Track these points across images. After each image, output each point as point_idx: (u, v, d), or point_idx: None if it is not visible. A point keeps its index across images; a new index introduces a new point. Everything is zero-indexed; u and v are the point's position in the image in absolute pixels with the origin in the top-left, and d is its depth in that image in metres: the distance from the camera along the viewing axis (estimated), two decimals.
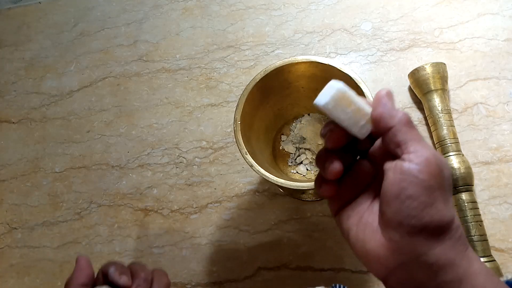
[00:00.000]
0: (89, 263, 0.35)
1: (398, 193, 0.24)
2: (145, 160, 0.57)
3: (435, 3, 0.58)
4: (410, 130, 0.25)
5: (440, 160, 0.24)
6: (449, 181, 0.25)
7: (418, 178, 0.23)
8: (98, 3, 0.68)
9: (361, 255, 0.27)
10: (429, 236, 0.24)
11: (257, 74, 0.43)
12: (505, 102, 0.52)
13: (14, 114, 0.63)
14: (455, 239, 0.24)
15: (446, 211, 0.24)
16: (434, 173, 0.24)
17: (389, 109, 0.25)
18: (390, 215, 0.24)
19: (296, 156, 0.52)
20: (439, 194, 0.24)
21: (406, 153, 0.24)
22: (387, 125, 0.25)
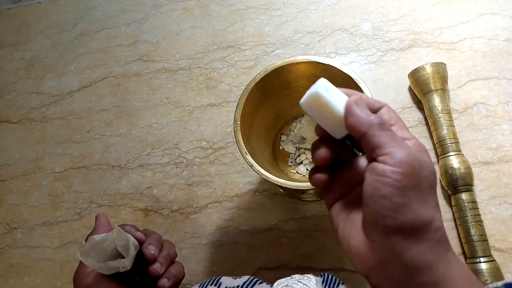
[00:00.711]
0: (108, 220, 0.38)
1: (373, 193, 0.24)
2: (145, 160, 0.57)
3: (435, 3, 0.58)
4: (382, 133, 0.25)
5: (416, 160, 0.24)
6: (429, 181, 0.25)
7: (390, 178, 0.24)
8: (98, 3, 0.68)
9: (346, 251, 0.28)
10: (405, 236, 0.24)
11: (257, 74, 0.43)
12: (505, 102, 0.52)
13: (14, 114, 0.63)
14: (434, 241, 0.24)
15: (423, 212, 0.24)
16: (408, 173, 0.24)
17: (358, 117, 0.26)
18: (367, 215, 0.25)
19: (296, 156, 0.52)
20: (414, 194, 0.24)
21: (380, 155, 0.24)
22: (359, 133, 0.26)
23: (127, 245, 0.32)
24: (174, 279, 0.36)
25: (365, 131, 0.25)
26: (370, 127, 0.25)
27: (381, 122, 0.26)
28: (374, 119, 0.26)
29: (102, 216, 0.39)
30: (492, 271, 0.42)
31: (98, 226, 0.38)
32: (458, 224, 0.46)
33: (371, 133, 0.25)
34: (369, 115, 0.26)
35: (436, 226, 0.25)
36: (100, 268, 0.31)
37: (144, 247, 0.35)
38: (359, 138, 0.26)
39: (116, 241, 0.32)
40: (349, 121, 0.26)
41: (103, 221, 0.38)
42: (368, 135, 0.25)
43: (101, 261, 0.31)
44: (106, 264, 0.31)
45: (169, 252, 0.37)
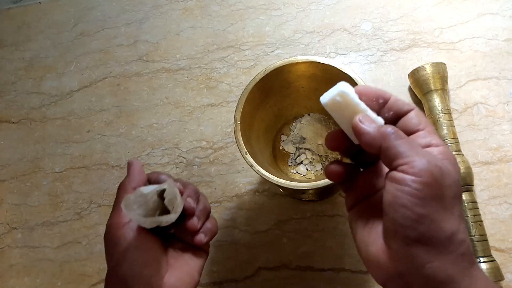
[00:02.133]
0: (142, 169, 0.35)
1: (393, 202, 0.24)
2: (145, 160, 0.57)
3: (435, 3, 0.58)
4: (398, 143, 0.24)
5: (438, 168, 0.23)
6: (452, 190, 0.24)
7: (411, 187, 0.23)
8: (98, 3, 0.68)
9: (363, 257, 0.27)
10: (427, 248, 0.23)
11: (257, 74, 0.43)
12: (505, 102, 0.52)
13: (14, 114, 0.63)
14: (458, 255, 0.23)
15: (445, 223, 0.23)
16: (428, 182, 0.23)
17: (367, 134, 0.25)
18: (387, 224, 0.24)
19: (296, 156, 0.52)
20: (436, 204, 0.23)
21: (400, 165, 0.24)
22: (375, 148, 0.25)
23: (175, 200, 0.31)
24: (211, 235, 0.35)
25: (380, 144, 0.25)
26: (383, 139, 0.25)
27: (394, 131, 0.25)
28: (385, 129, 0.25)
29: (136, 163, 0.35)
30: (492, 271, 0.42)
31: (133, 174, 0.34)
32: None
33: (386, 145, 0.25)
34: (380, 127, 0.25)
35: (460, 239, 0.23)
36: (143, 222, 0.30)
37: (183, 200, 0.33)
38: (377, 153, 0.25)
39: (166, 196, 0.30)
40: (362, 141, 0.26)
41: (137, 169, 0.35)
42: (384, 148, 0.25)
43: (142, 214, 0.30)
44: (152, 218, 0.30)
45: (205, 206, 0.35)
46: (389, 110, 0.28)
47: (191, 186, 0.35)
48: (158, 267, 0.31)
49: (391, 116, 0.28)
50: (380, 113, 0.28)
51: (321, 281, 0.48)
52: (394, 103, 0.28)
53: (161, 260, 0.32)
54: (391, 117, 0.28)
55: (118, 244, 0.31)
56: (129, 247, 0.30)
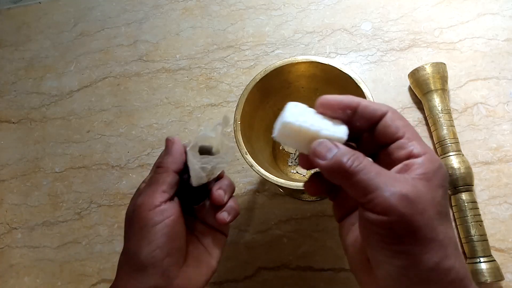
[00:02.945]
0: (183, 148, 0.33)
1: (368, 240, 0.23)
2: (145, 160, 0.57)
3: (435, 3, 0.58)
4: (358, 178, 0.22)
5: (405, 200, 0.21)
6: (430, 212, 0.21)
7: (380, 228, 0.21)
8: (98, 3, 0.68)
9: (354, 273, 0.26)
10: (411, 281, 0.22)
11: (257, 74, 0.43)
12: (505, 102, 0.52)
13: (14, 114, 0.63)
14: (445, 284, 0.21)
15: (425, 255, 0.21)
16: (396, 221, 0.21)
17: (326, 169, 0.23)
18: (369, 254, 0.23)
19: (296, 156, 0.52)
20: (411, 240, 0.21)
21: (365, 203, 0.22)
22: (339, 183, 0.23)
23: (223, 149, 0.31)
24: (234, 214, 0.33)
25: (340, 183, 0.23)
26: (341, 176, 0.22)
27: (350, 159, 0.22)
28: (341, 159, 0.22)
29: (177, 141, 0.32)
30: (492, 271, 0.42)
31: (175, 154, 0.32)
32: (458, 224, 0.46)
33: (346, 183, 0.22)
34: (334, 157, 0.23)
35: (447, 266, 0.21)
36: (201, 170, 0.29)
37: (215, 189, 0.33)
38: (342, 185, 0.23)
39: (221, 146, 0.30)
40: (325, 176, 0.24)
41: (179, 149, 0.32)
42: (344, 185, 0.23)
43: None
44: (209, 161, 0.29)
45: (230, 182, 0.34)
46: (360, 118, 0.25)
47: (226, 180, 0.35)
48: (178, 256, 0.30)
49: (364, 124, 0.25)
50: (352, 123, 0.25)
51: (321, 281, 0.48)
52: (364, 110, 0.25)
53: (182, 249, 0.31)
54: (364, 125, 0.25)
55: (146, 226, 0.29)
56: (156, 232, 0.29)
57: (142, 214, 0.29)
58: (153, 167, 0.33)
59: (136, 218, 0.30)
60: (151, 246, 0.29)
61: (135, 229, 0.30)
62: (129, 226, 0.30)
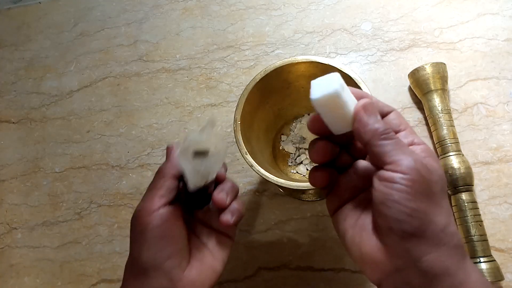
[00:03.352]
0: None
1: (384, 199, 0.24)
2: (145, 160, 0.57)
3: (435, 3, 0.58)
4: (386, 143, 0.25)
5: (424, 166, 0.24)
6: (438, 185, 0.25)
7: (401, 184, 0.23)
8: (98, 3, 0.68)
9: (356, 258, 0.27)
10: (422, 241, 0.23)
11: (257, 74, 0.43)
12: (505, 102, 0.52)
13: (14, 114, 0.63)
14: (451, 247, 0.24)
15: (437, 216, 0.24)
16: (417, 179, 0.24)
17: (364, 124, 0.26)
18: (380, 221, 0.25)
19: (296, 156, 0.52)
20: (426, 199, 0.24)
21: (387, 164, 0.24)
22: (362, 140, 0.26)
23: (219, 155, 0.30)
24: (238, 215, 0.33)
25: (368, 140, 0.25)
26: (373, 136, 0.25)
27: (385, 131, 0.25)
28: (379, 128, 0.25)
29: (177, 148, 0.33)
30: (492, 271, 0.42)
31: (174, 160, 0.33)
32: (458, 224, 0.46)
33: (374, 142, 0.25)
34: (375, 122, 0.26)
35: (452, 231, 0.24)
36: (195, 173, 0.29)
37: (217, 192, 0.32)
38: (364, 145, 0.26)
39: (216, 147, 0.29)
40: (355, 127, 0.26)
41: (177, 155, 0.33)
42: (371, 144, 0.25)
43: None
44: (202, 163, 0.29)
45: (233, 184, 0.34)
46: None
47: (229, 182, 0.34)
48: (180, 259, 0.31)
49: None
50: None
51: (321, 281, 0.48)
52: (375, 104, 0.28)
53: (184, 251, 0.31)
54: None
55: (145, 231, 0.30)
56: (155, 236, 0.30)
57: (141, 219, 0.30)
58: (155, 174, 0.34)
59: (137, 223, 0.31)
60: (151, 249, 0.29)
61: (136, 234, 0.30)
62: (132, 231, 0.31)
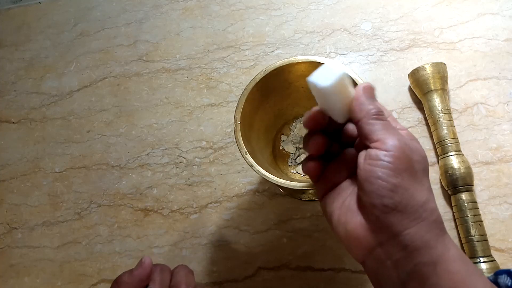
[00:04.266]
0: (148, 275, 0.33)
1: (368, 176, 0.26)
2: (145, 160, 0.57)
3: (435, 3, 0.58)
4: (376, 122, 0.27)
5: (407, 145, 0.26)
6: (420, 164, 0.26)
7: (384, 160, 0.25)
8: (98, 3, 0.68)
9: (342, 237, 0.28)
10: (403, 215, 0.25)
11: (257, 74, 0.43)
12: (505, 102, 0.52)
13: (14, 114, 0.63)
14: (430, 222, 0.25)
15: (418, 191, 0.25)
16: (400, 156, 0.25)
17: (360, 103, 0.28)
18: (364, 198, 0.26)
19: (296, 156, 0.52)
20: (408, 175, 0.25)
21: (373, 141, 0.26)
22: (355, 118, 0.28)
23: None
24: None
25: (360, 118, 0.27)
26: (366, 114, 0.27)
27: (377, 112, 0.27)
28: (372, 109, 0.27)
29: (147, 266, 0.33)
30: (492, 271, 0.42)
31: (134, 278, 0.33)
32: (458, 224, 0.46)
33: (366, 120, 0.27)
34: (370, 104, 0.28)
35: (431, 207, 0.26)
36: None
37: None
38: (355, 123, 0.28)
39: None
40: (353, 105, 0.28)
41: (143, 274, 0.33)
42: (362, 122, 0.27)
43: None
44: None
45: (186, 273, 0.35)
46: None
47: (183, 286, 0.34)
48: None
49: None
50: None
51: (321, 281, 0.48)
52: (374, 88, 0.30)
53: None
54: None
55: None
56: None
57: None
58: (113, 280, 0.34)
59: None
60: None
61: None
62: None
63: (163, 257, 0.52)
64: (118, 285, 0.33)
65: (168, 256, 0.52)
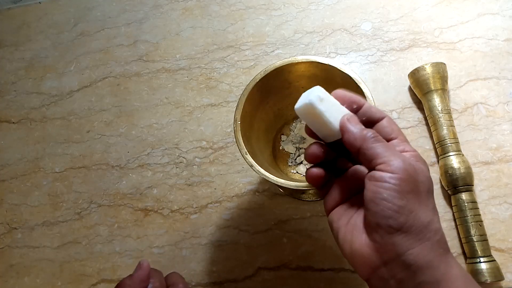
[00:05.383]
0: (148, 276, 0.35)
1: (374, 197, 0.26)
2: (145, 160, 0.57)
3: (435, 3, 0.58)
4: (376, 145, 0.27)
5: (411, 166, 0.26)
6: (425, 185, 0.27)
7: (389, 182, 0.25)
8: (98, 3, 0.68)
9: (348, 255, 0.29)
10: (407, 235, 0.25)
11: (257, 74, 0.43)
12: (505, 102, 0.52)
13: (14, 114, 0.63)
14: (434, 242, 0.26)
15: (422, 213, 0.26)
16: (404, 178, 0.26)
17: (352, 133, 0.28)
18: (370, 218, 0.27)
19: (296, 156, 0.52)
20: (412, 197, 0.26)
21: (377, 164, 0.27)
22: (355, 148, 0.28)
23: None
24: None
25: (360, 145, 0.27)
26: (364, 141, 0.27)
27: (374, 135, 0.28)
28: (367, 133, 0.28)
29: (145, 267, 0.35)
30: (492, 271, 0.42)
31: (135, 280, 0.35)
32: (458, 224, 0.46)
33: (366, 146, 0.27)
34: (362, 130, 0.28)
35: (435, 227, 0.26)
36: None
37: None
38: (356, 152, 0.28)
39: None
40: (345, 138, 0.28)
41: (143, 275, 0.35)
42: (363, 148, 0.27)
43: None
44: None
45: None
46: (363, 115, 0.30)
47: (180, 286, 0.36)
48: None
49: (365, 121, 0.30)
50: None
51: (321, 281, 0.48)
52: (367, 110, 0.30)
53: None
54: (364, 122, 0.30)
55: None
56: None
57: None
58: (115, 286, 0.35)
59: None
60: None
61: None
62: None
63: (163, 257, 0.52)
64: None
65: (168, 256, 0.52)
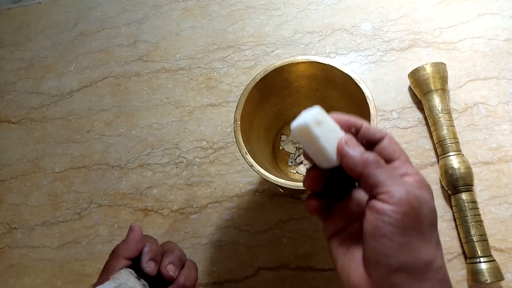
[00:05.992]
0: (141, 237, 0.35)
1: (373, 231, 0.24)
2: (145, 160, 0.57)
3: (435, 3, 0.58)
4: (379, 171, 0.25)
5: (416, 198, 0.24)
6: (429, 219, 0.25)
7: (391, 217, 0.23)
8: (98, 3, 0.68)
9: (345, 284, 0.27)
10: (407, 275, 0.23)
11: (257, 74, 0.43)
12: (505, 102, 0.52)
13: (14, 114, 0.63)
14: (435, 282, 0.24)
15: (424, 251, 0.24)
16: (407, 212, 0.23)
17: (351, 158, 0.25)
18: (368, 253, 0.25)
19: (296, 156, 0.52)
20: (415, 233, 0.24)
21: (379, 193, 0.24)
22: (355, 174, 0.25)
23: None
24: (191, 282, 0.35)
25: (361, 171, 0.25)
26: (365, 166, 0.25)
27: (376, 159, 0.25)
28: (369, 157, 0.25)
29: (137, 230, 0.35)
30: (492, 271, 0.42)
31: (130, 242, 0.35)
32: (458, 224, 0.46)
33: (367, 172, 0.25)
34: (363, 153, 0.25)
35: (437, 266, 0.24)
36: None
37: (163, 267, 0.34)
38: (357, 177, 0.26)
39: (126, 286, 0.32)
40: (344, 163, 0.26)
41: (136, 237, 0.35)
42: (365, 174, 0.25)
43: None
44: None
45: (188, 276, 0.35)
46: (362, 138, 0.28)
47: (177, 252, 0.36)
48: None
49: (365, 144, 0.28)
50: None
51: (321, 281, 0.48)
52: (366, 131, 0.28)
53: None
54: (364, 145, 0.28)
55: None
56: None
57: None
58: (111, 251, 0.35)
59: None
60: None
61: None
62: None
63: None
64: (116, 253, 0.34)
65: None
